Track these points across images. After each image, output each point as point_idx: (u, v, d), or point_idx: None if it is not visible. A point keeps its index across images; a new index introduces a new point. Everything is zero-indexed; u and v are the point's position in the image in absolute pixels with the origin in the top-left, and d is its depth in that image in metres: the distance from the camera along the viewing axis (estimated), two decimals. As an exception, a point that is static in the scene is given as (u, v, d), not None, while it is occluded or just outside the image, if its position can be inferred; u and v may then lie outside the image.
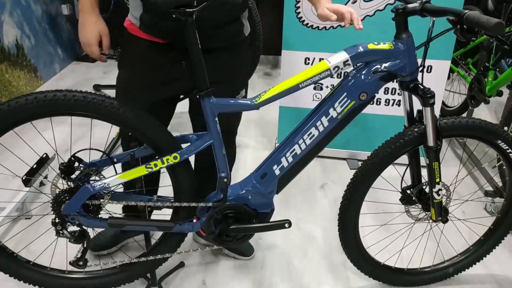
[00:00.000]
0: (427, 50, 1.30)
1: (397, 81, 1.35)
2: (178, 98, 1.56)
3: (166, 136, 1.32)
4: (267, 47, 3.55)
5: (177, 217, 1.43)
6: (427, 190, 1.49)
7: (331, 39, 2.29)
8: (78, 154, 1.33)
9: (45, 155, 1.48)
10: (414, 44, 1.28)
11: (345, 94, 1.30)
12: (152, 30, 1.34)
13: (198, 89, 1.26)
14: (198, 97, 1.26)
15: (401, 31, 1.27)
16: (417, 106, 1.38)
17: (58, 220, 1.33)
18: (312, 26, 2.30)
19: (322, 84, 2.43)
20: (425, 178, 1.48)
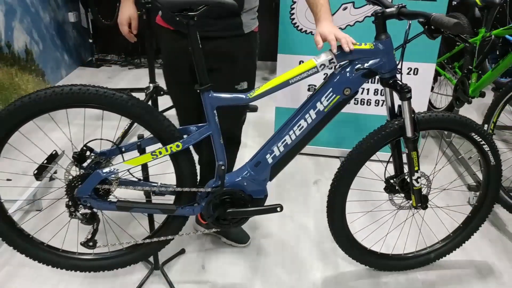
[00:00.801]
0: (404, 51, 1.45)
1: (378, 78, 1.50)
2: None
3: (170, 127, 1.46)
4: (265, 53, 3.70)
5: (179, 202, 1.57)
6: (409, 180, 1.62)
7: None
8: (89, 144, 1.47)
9: (54, 152, 1.60)
10: (392, 44, 1.43)
11: (331, 89, 1.45)
12: (167, 19, 1.61)
13: (199, 84, 1.40)
14: (198, 91, 1.40)
15: (380, 33, 1.42)
16: (398, 102, 1.52)
17: (71, 203, 1.47)
18: (306, 31, 2.46)
19: (315, 86, 2.57)
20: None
